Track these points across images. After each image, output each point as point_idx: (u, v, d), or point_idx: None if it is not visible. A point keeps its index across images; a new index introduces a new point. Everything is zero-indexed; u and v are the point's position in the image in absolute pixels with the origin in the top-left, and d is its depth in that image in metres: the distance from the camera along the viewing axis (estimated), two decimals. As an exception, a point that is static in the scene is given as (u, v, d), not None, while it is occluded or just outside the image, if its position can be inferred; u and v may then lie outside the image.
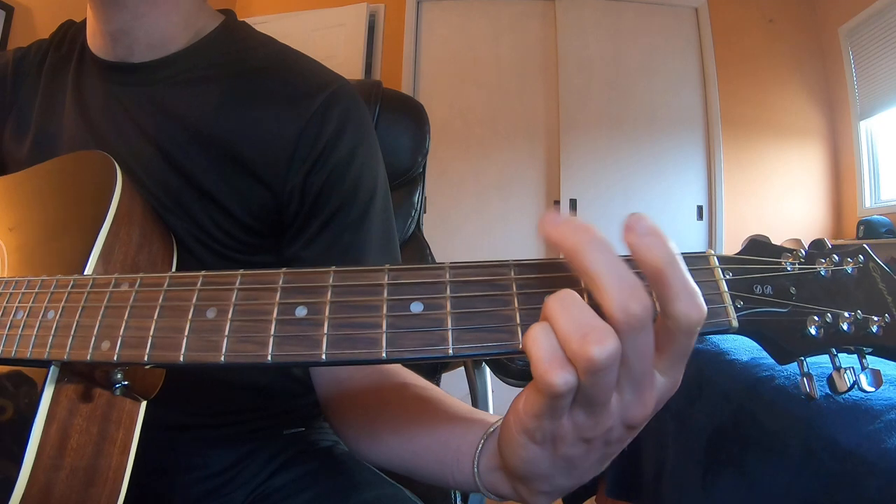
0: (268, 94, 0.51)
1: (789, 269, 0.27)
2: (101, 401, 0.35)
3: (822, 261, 0.28)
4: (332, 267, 0.27)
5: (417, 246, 0.94)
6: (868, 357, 0.27)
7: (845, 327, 0.26)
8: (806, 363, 0.27)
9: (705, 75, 2.80)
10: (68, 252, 0.39)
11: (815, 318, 0.27)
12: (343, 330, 0.25)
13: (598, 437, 0.26)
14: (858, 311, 0.27)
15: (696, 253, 0.27)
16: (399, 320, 0.25)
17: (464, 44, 2.86)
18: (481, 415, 0.39)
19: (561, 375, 0.22)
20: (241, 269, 0.28)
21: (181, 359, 0.27)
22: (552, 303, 0.23)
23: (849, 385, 0.26)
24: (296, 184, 0.49)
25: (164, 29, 0.52)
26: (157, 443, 0.39)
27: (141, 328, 0.28)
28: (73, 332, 0.30)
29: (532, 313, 0.24)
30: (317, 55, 0.57)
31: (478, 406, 0.89)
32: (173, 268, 0.46)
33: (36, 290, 0.33)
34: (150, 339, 0.28)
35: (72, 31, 0.59)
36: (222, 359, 0.26)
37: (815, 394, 0.26)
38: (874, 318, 0.27)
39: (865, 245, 0.28)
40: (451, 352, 0.24)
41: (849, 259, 0.28)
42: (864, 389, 0.26)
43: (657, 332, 0.24)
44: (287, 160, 0.49)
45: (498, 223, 2.77)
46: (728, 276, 0.26)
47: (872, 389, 0.26)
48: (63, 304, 0.31)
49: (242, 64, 0.53)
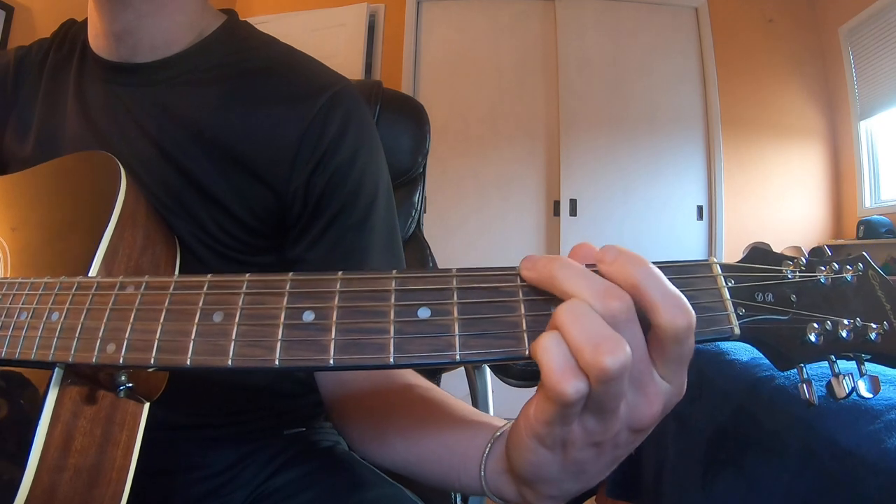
0: (270, 95, 0.51)
1: (790, 276, 0.28)
2: (104, 403, 0.35)
3: (822, 268, 0.28)
4: (340, 272, 0.27)
5: (417, 246, 0.94)
6: (867, 364, 0.28)
7: (844, 334, 0.27)
8: (805, 369, 0.27)
9: (705, 75, 2.80)
10: (72, 253, 0.39)
11: (815, 325, 0.27)
12: (351, 335, 0.25)
13: (608, 441, 0.26)
14: (857, 319, 0.27)
15: (698, 261, 0.27)
16: (406, 326, 0.25)
17: (464, 44, 2.86)
18: (487, 418, 0.39)
19: (573, 385, 0.23)
20: (244, 270, 0.28)
21: (188, 362, 0.26)
22: (563, 312, 0.23)
23: (847, 391, 0.26)
24: (299, 185, 0.49)
25: (168, 29, 0.52)
26: (157, 443, 0.39)
27: (147, 331, 0.28)
28: (77, 335, 0.30)
29: (538, 320, 0.25)
30: (317, 55, 0.57)
31: (478, 406, 0.89)
32: (176, 270, 0.46)
33: (40, 292, 0.33)
34: (157, 342, 0.27)
35: (73, 31, 0.59)
36: (229, 363, 0.26)
37: (814, 400, 0.27)
38: (873, 325, 0.27)
39: (865, 253, 0.29)
40: (458, 357, 0.24)
41: (848, 267, 0.28)
42: (863, 395, 0.26)
43: (651, 343, 0.25)
44: (289, 161, 0.49)
45: (498, 223, 2.77)
46: (730, 284, 0.27)
47: (871, 395, 0.26)
48: (67, 305, 0.31)
49: (245, 65, 0.53)
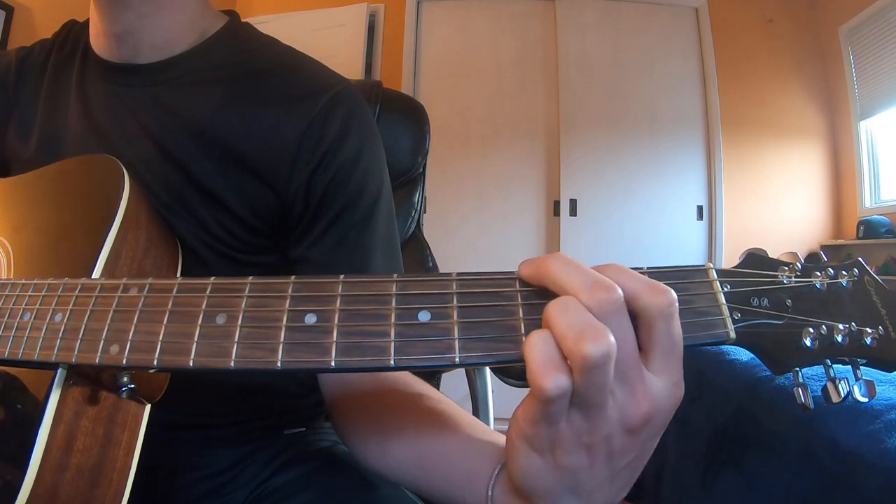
0: (271, 96, 0.51)
1: (786, 282, 0.28)
2: (107, 403, 0.36)
3: (818, 274, 0.28)
4: (342, 276, 0.27)
5: (417, 246, 0.94)
6: (862, 368, 0.28)
7: (840, 339, 0.27)
8: (801, 374, 0.27)
9: (705, 75, 2.80)
10: (75, 255, 0.40)
11: (811, 329, 0.27)
12: (352, 338, 0.25)
13: (599, 445, 0.26)
14: (853, 324, 0.27)
15: (694, 266, 0.27)
16: (407, 329, 0.25)
17: (464, 44, 2.86)
18: (497, 436, 0.38)
19: (553, 379, 0.23)
20: (245, 270, 0.28)
21: (191, 364, 0.27)
22: (552, 307, 0.24)
23: (843, 396, 0.27)
24: (300, 184, 0.50)
25: (169, 30, 0.52)
26: (158, 442, 0.39)
27: (150, 332, 0.28)
28: (81, 336, 0.30)
29: (537, 324, 0.25)
30: (317, 55, 0.57)
31: (478, 406, 0.89)
32: (178, 271, 0.46)
33: (43, 293, 0.33)
34: (160, 343, 0.28)
35: (75, 32, 0.59)
36: (232, 364, 0.26)
37: (809, 404, 0.27)
38: (868, 330, 0.27)
39: (860, 259, 0.29)
40: (457, 360, 0.24)
41: (844, 272, 0.29)
42: (858, 400, 0.26)
43: (640, 331, 0.25)
44: (290, 161, 0.49)
45: (498, 223, 2.77)
46: (726, 289, 0.27)
47: (866, 400, 0.26)
48: (71, 307, 0.32)
49: (246, 65, 0.53)
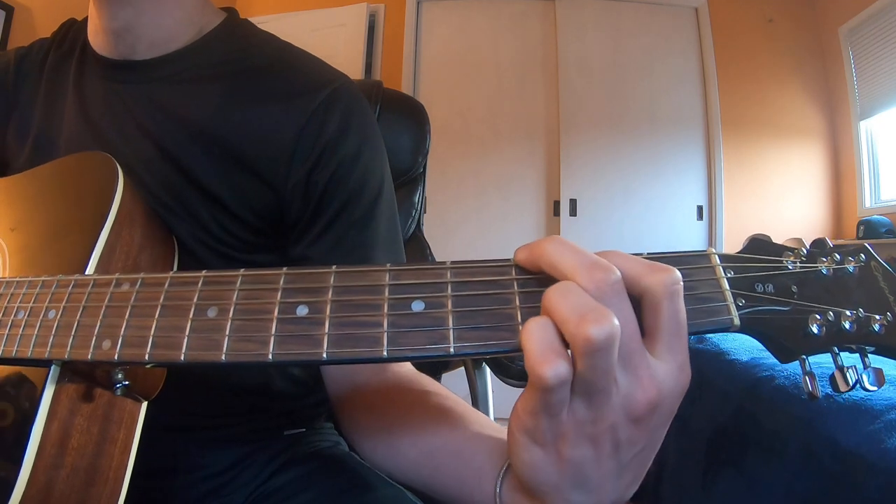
0: (269, 92, 0.51)
1: (791, 267, 0.27)
2: (101, 401, 0.35)
3: (824, 259, 0.28)
4: (334, 266, 0.27)
5: (418, 246, 0.95)
6: (870, 356, 0.27)
7: (847, 326, 0.26)
8: (808, 362, 0.27)
9: (705, 75, 2.80)
10: (70, 253, 0.39)
11: (817, 316, 0.27)
12: (344, 329, 0.25)
13: (604, 436, 0.25)
14: (860, 310, 0.27)
15: (697, 251, 0.27)
16: (400, 319, 0.25)
17: (464, 44, 2.86)
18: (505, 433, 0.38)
19: (552, 367, 0.22)
20: (243, 269, 0.28)
21: (182, 358, 0.26)
22: (551, 292, 0.23)
23: (851, 384, 0.26)
24: (297, 181, 0.49)
25: (167, 26, 0.52)
26: (157, 443, 0.38)
27: (142, 327, 0.28)
28: (73, 332, 0.30)
29: (534, 312, 0.24)
30: (317, 55, 0.57)
31: (478, 406, 0.89)
32: (174, 269, 0.45)
33: (37, 291, 0.33)
34: (151, 338, 0.27)
35: (73, 30, 0.59)
36: (223, 357, 0.26)
37: (817, 393, 0.26)
38: (876, 316, 0.27)
39: (867, 244, 0.28)
40: (452, 350, 0.24)
41: (850, 258, 0.28)
42: (867, 388, 0.26)
43: (645, 313, 0.25)
44: (287, 158, 0.49)
45: (498, 223, 2.77)
46: (729, 275, 0.26)
47: (875, 388, 0.26)
48: (64, 303, 0.31)
49: (244, 62, 0.53)
